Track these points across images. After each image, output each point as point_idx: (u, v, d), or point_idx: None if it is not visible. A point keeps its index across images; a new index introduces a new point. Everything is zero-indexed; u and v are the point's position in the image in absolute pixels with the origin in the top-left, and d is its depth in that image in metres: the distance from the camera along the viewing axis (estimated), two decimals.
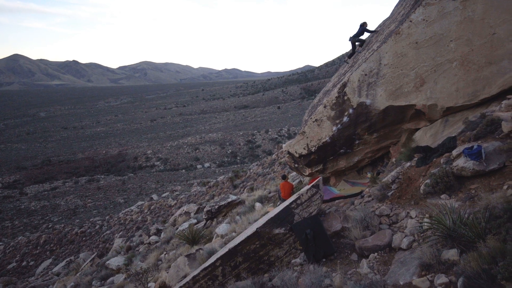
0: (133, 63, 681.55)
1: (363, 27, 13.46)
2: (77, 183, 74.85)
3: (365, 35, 14.09)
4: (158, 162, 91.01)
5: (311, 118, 12.80)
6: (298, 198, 7.92)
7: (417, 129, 11.47)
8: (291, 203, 7.93)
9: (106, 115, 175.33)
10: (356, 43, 14.01)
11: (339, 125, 12.10)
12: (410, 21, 10.39)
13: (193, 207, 19.48)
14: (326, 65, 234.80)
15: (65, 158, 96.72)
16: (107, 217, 43.41)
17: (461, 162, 7.29)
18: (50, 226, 47.87)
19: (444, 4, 9.87)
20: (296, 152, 13.44)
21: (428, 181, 7.67)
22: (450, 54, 9.96)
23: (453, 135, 9.25)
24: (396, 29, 10.81)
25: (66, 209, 57.05)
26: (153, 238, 19.05)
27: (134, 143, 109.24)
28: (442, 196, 7.24)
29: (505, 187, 6.39)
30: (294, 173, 17.70)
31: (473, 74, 9.74)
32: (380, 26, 13.87)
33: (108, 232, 36.48)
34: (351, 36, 13.74)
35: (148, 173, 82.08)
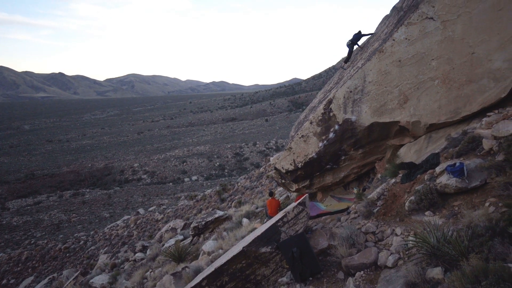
0: (120, 76, 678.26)
1: (358, 34, 13.74)
2: (61, 197, 73.36)
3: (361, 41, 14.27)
4: (145, 175, 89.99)
5: (297, 134, 12.90)
6: (285, 216, 7.92)
7: (401, 145, 11.65)
8: (277, 221, 7.92)
9: (92, 127, 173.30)
10: (355, 46, 14.21)
11: (325, 141, 12.20)
12: (393, 40, 10.64)
13: (179, 223, 19.26)
14: (313, 78, 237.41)
15: (49, 172, 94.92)
16: (92, 232, 42.59)
17: (444, 179, 7.42)
18: (32, 242, 46.68)
19: (425, 24, 10.15)
20: (283, 168, 13.48)
21: (412, 198, 7.77)
22: (432, 72, 10.21)
23: (437, 152, 9.43)
24: (380, 47, 11.05)
25: (49, 224, 55.76)
26: (139, 255, 18.74)
27: (121, 156, 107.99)
28: (427, 213, 7.33)
29: (487, 204, 6.51)
30: (281, 188, 17.72)
31: (454, 92, 9.99)
32: (364, 43, 14.15)
33: (92, 248, 35.72)
34: (349, 41, 13.98)
35: (135, 187, 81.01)
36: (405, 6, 11.70)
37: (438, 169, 8.09)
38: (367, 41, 14.11)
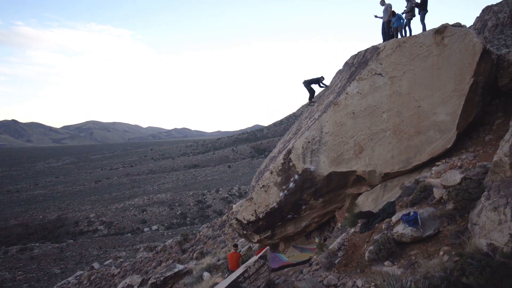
0: (78, 123, 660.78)
1: (319, 78, 14.32)
2: (6, 253, 67.45)
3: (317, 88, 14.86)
4: (102, 226, 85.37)
5: (258, 184, 12.92)
6: (246, 271, 7.72)
7: (359, 194, 11.95)
8: (238, 277, 7.68)
9: (46, 177, 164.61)
10: (311, 85, 14.69)
11: (285, 191, 12.29)
12: (347, 93, 11.24)
13: (136, 279, 18.15)
14: (275, 124, 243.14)
15: None
16: None
17: (400, 229, 7.61)
18: None
19: (375, 79, 10.86)
20: (244, 218, 13.32)
21: (371, 247, 7.86)
22: (384, 124, 10.79)
23: (392, 200, 9.73)
24: (334, 100, 11.61)
25: None
26: None
27: (76, 206, 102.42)
28: (386, 263, 7.41)
29: (441, 253, 6.71)
30: (243, 239, 17.39)
31: (405, 143, 10.55)
32: (320, 96, 14.82)
33: None
34: (305, 80, 14.49)
35: (90, 239, 76.34)
36: (355, 62, 12.51)
37: (394, 218, 8.32)
38: (323, 93, 14.80)
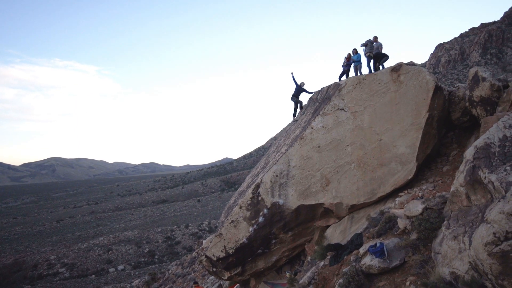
0: (39, 160, 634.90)
1: (300, 87, 14.48)
2: None
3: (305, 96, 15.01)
4: (63, 269, 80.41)
5: (227, 219, 12.80)
6: None
7: (328, 226, 12.07)
8: None
9: (2, 218, 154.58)
10: (298, 103, 14.89)
11: (255, 225, 12.24)
12: (312, 128, 11.59)
13: None
14: (244, 157, 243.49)
15: None
16: None
17: (367, 260, 7.73)
18: None
19: (338, 114, 11.30)
20: (213, 255, 13.05)
21: (341, 281, 7.90)
22: (348, 157, 11.15)
23: (360, 232, 9.91)
24: (300, 134, 11.93)
25: None
26: None
27: (35, 248, 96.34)
28: None
29: (407, 283, 6.85)
30: (213, 276, 16.93)
31: (369, 175, 10.90)
32: (286, 130, 15.16)
33: None
34: (292, 95, 14.68)
35: (50, 283, 71.57)
36: (319, 98, 12.99)
37: (362, 250, 8.45)
38: (289, 127, 15.16)
